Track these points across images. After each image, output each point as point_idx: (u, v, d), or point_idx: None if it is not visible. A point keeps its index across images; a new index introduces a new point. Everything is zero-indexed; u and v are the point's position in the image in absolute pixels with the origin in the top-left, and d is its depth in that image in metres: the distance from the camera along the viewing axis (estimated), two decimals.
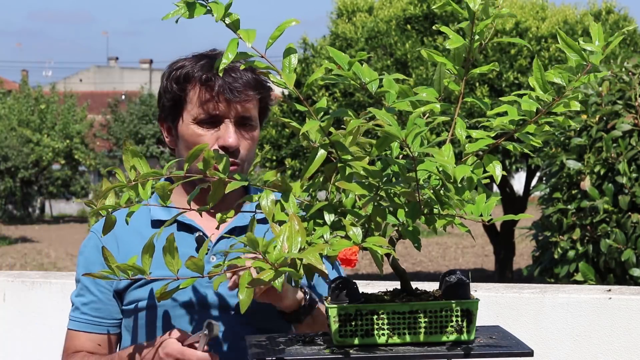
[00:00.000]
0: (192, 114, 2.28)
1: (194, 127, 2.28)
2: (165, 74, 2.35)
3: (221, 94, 2.25)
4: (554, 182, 5.67)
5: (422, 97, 1.84)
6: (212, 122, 2.28)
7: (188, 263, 1.84)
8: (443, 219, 1.75)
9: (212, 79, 2.26)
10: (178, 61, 2.34)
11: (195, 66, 2.29)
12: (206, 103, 2.26)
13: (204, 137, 2.27)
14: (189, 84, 2.28)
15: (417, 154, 1.68)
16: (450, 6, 1.83)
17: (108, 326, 2.34)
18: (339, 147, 1.78)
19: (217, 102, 2.26)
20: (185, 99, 2.29)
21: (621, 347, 3.44)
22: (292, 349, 1.82)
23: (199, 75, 2.27)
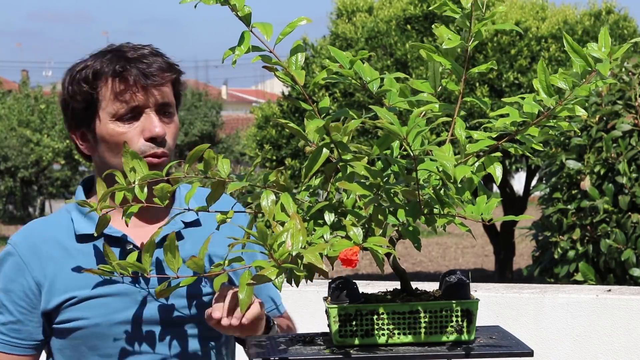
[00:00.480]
0: (110, 111, 2.14)
1: (113, 125, 2.15)
2: (66, 79, 2.20)
3: (137, 82, 2.12)
4: (554, 182, 5.67)
5: (423, 97, 1.84)
6: (133, 115, 2.14)
7: (189, 263, 1.82)
8: (443, 218, 1.75)
9: (125, 68, 2.12)
10: (77, 64, 2.20)
11: (102, 61, 2.15)
12: (123, 95, 2.13)
13: (127, 133, 2.14)
14: (100, 81, 2.14)
15: (417, 152, 1.68)
16: (447, 6, 1.83)
17: (27, 347, 2.19)
18: (340, 146, 1.79)
19: (135, 92, 2.13)
20: (98, 97, 2.15)
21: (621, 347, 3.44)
22: (293, 349, 1.82)
23: (110, 69, 2.13)
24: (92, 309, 2.14)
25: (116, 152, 2.14)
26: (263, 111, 14.27)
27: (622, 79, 5.55)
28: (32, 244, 2.18)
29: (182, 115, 33.01)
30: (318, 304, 2.47)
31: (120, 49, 2.19)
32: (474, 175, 1.77)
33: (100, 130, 2.16)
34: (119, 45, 2.22)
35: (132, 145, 2.13)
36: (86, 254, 2.16)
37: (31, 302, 2.18)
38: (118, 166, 2.09)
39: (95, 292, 2.14)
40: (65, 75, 2.22)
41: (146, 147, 2.14)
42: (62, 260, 2.16)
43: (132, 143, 2.13)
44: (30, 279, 2.17)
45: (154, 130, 2.14)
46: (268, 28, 1.77)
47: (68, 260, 2.16)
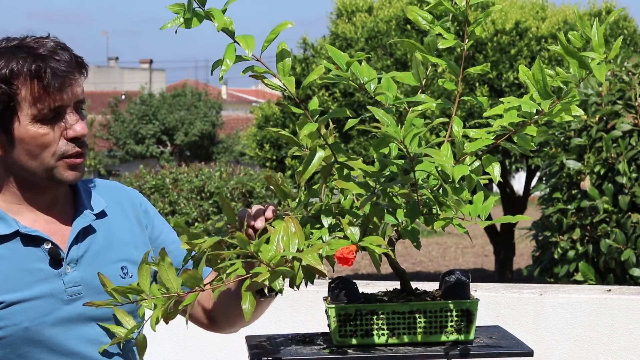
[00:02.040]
0: (31, 113, 2.04)
1: (35, 127, 2.04)
2: None
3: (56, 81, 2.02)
4: (554, 182, 5.67)
5: (420, 97, 1.84)
6: (54, 115, 2.05)
7: (185, 277, 1.72)
8: (441, 220, 1.75)
9: (41, 67, 2.02)
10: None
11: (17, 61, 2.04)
12: (44, 97, 2.03)
13: (49, 135, 2.04)
14: (17, 81, 2.03)
15: (414, 154, 1.68)
16: (443, 6, 1.83)
17: None
18: (335, 148, 1.78)
19: (55, 92, 2.04)
20: (16, 98, 2.03)
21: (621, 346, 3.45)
22: (292, 348, 1.82)
23: (28, 69, 2.02)
24: (21, 314, 2.04)
25: (35, 155, 2.06)
26: (263, 111, 14.28)
27: (622, 79, 5.55)
28: None
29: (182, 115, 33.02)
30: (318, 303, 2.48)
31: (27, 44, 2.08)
32: (473, 175, 1.77)
33: (20, 132, 2.05)
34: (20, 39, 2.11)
35: (52, 148, 2.06)
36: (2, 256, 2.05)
37: None
38: (35, 169, 2.06)
39: (22, 295, 2.04)
40: None
41: (68, 147, 2.07)
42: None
43: (54, 144, 2.06)
44: None
45: (77, 130, 2.07)
46: (250, 42, 1.75)
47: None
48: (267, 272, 1.64)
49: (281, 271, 1.65)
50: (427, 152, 1.69)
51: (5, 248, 2.06)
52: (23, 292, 2.05)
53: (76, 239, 2.11)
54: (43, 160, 2.06)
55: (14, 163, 2.08)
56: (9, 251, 2.06)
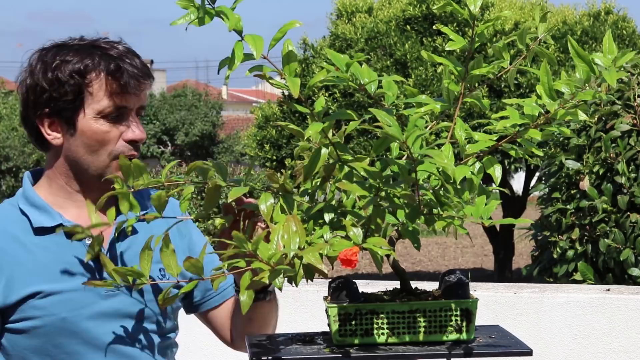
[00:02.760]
0: (98, 108, 2.11)
1: (97, 123, 2.11)
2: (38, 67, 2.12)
3: (129, 83, 2.10)
4: (553, 182, 5.67)
5: (421, 98, 1.85)
6: (118, 115, 2.12)
7: (186, 264, 1.76)
8: (442, 221, 1.76)
9: (119, 67, 2.10)
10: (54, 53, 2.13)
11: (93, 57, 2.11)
12: (116, 95, 2.11)
13: (110, 133, 2.11)
14: (90, 76, 2.10)
15: (417, 155, 1.69)
16: (451, 6, 1.83)
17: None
18: (339, 147, 1.79)
19: (126, 93, 2.11)
20: (88, 91, 2.10)
21: (620, 345, 3.46)
22: (292, 348, 1.83)
23: (105, 66, 2.10)
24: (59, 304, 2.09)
25: (92, 150, 2.12)
26: (263, 111, 14.27)
27: (621, 79, 5.56)
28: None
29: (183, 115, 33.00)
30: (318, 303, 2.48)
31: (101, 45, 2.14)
32: (474, 176, 1.78)
33: (83, 124, 2.12)
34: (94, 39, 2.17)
35: (110, 146, 2.11)
36: (45, 247, 2.11)
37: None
38: (90, 164, 2.11)
39: (61, 286, 2.09)
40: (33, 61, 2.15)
41: (125, 149, 2.12)
42: (20, 255, 2.10)
43: (112, 143, 2.12)
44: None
45: (136, 133, 2.13)
46: (258, 42, 1.74)
47: (26, 255, 2.10)
48: (267, 270, 1.65)
49: (281, 269, 1.65)
50: (428, 153, 1.70)
51: (47, 240, 2.11)
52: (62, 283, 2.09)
53: (118, 237, 2.15)
54: (99, 156, 2.12)
55: (70, 155, 2.14)
56: (51, 243, 2.11)
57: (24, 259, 2.10)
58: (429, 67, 12.78)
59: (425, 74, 12.72)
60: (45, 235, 2.12)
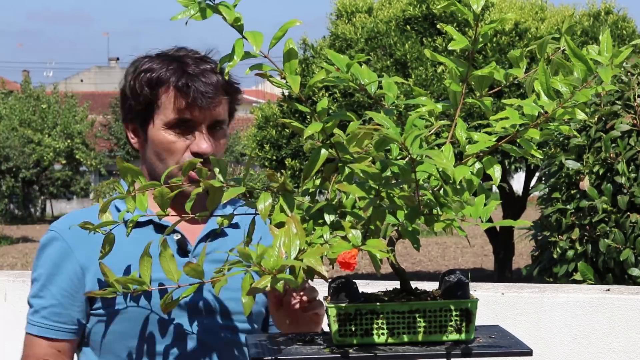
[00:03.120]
0: (164, 119, 2.23)
1: (165, 133, 2.24)
2: (129, 74, 2.28)
3: (195, 100, 2.21)
4: (553, 182, 5.67)
5: (421, 100, 1.85)
6: (185, 127, 2.23)
7: (187, 269, 1.81)
8: (442, 222, 1.76)
9: (187, 85, 2.21)
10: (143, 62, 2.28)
11: (168, 70, 2.23)
12: (180, 109, 2.22)
13: (176, 144, 2.23)
14: (161, 88, 2.23)
15: (416, 156, 1.69)
16: (455, 6, 1.83)
17: (68, 332, 2.24)
18: (339, 147, 1.79)
19: (192, 107, 2.21)
20: (157, 102, 2.24)
21: (620, 346, 3.46)
22: (292, 348, 1.83)
23: (174, 81, 2.22)
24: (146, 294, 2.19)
25: (162, 158, 2.24)
26: (263, 111, 14.28)
27: (620, 79, 5.56)
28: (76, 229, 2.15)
29: None
30: None
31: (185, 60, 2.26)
32: (474, 176, 1.78)
33: (152, 133, 2.25)
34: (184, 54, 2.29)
35: (176, 156, 2.22)
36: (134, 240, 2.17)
37: (74, 286, 2.23)
38: (161, 171, 2.18)
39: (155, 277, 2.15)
40: (130, 67, 2.30)
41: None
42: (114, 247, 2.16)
43: (177, 154, 2.23)
44: (75, 263, 2.23)
45: (202, 146, 2.22)
46: (258, 38, 1.76)
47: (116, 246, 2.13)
48: (267, 278, 1.65)
49: (282, 277, 1.66)
50: (428, 153, 1.70)
51: (138, 232, 2.21)
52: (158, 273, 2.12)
53: (206, 236, 2.27)
54: (168, 165, 2.22)
55: (146, 161, 2.29)
56: (141, 235, 2.21)
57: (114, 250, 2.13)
58: (429, 67, 12.79)
59: (425, 74, 12.72)
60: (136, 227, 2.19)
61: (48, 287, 2.24)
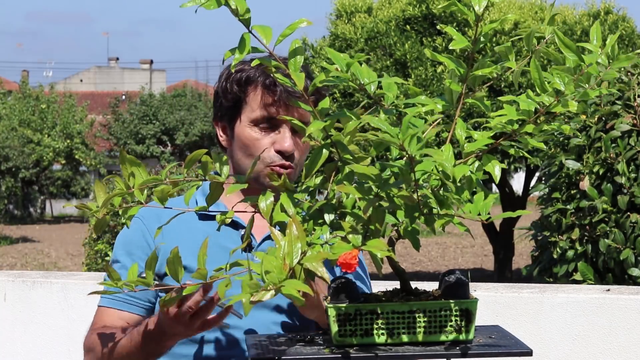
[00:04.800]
0: (251, 116, 2.34)
1: (251, 130, 2.34)
2: (224, 75, 2.40)
3: (282, 98, 2.31)
4: (553, 182, 5.67)
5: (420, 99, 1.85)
6: (270, 125, 2.33)
7: (194, 274, 1.85)
8: (442, 219, 1.76)
9: (275, 83, 2.30)
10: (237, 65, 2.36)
11: (257, 70, 2.33)
12: (267, 106, 2.32)
13: (260, 141, 2.33)
14: (250, 87, 2.34)
15: (415, 155, 1.68)
16: (456, 6, 1.83)
17: (140, 307, 2.36)
18: (340, 147, 1.79)
19: (278, 106, 2.32)
20: (245, 100, 2.35)
21: (620, 346, 3.45)
22: (292, 348, 1.83)
23: (262, 80, 2.33)
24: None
25: (247, 154, 2.34)
26: None
27: (621, 79, 5.55)
28: (157, 213, 2.32)
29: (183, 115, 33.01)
30: None
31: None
32: (473, 175, 1.78)
33: (239, 130, 2.35)
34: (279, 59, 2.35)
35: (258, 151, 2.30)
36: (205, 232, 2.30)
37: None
38: (246, 167, 2.31)
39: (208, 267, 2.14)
40: (224, 70, 2.41)
41: (275, 158, 2.31)
42: (183, 234, 2.32)
43: (261, 150, 2.31)
44: (151, 242, 2.36)
45: (284, 145, 2.30)
46: (267, 32, 1.78)
47: (188, 235, 2.31)
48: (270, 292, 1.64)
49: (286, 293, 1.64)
50: (427, 152, 1.70)
51: (209, 225, 2.31)
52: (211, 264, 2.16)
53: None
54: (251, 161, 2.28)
55: (233, 156, 2.38)
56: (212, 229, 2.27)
57: (185, 238, 2.31)
58: (429, 67, 12.78)
59: (425, 74, 12.72)
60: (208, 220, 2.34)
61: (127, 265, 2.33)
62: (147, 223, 2.38)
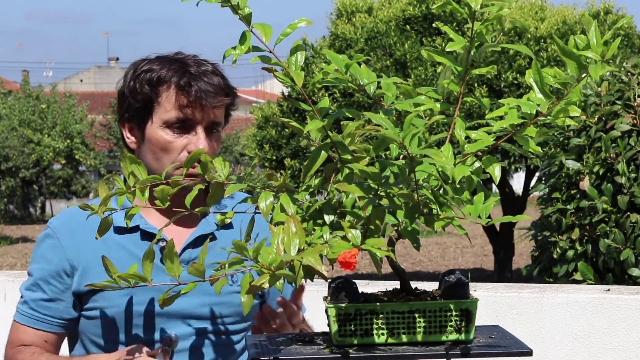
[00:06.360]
0: (163, 118, 2.26)
1: (163, 132, 2.26)
2: (129, 74, 2.31)
3: (197, 99, 2.23)
4: (553, 182, 5.67)
5: (420, 99, 1.85)
6: (183, 127, 2.26)
7: (190, 269, 1.81)
8: (441, 221, 1.76)
9: (190, 84, 2.24)
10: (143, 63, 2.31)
11: (169, 70, 2.26)
12: (182, 108, 2.24)
13: (173, 143, 2.26)
14: (162, 87, 2.26)
15: (415, 154, 1.69)
16: (451, 5, 1.83)
17: (55, 325, 2.31)
18: (339, 147, 1.79)
19: (193, 107, 2.24)
20: (157, 101, 2.26)
21: (620, 346, 3.46)
22: (292, 348, 1.83)
23: (175, 80, 2.25)
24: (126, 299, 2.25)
25: (157, 157, 2.27)
26: (263, 111, 14.28)
27: (621, 79, 5.56)
28: (71, 228, 2.29)
29: None
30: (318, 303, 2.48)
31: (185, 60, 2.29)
32: (473, 175, 1.78)
33: (149, 131, 2.27)
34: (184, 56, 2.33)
35: (173, 155, 2.25)
36: (122, 245, 2.27)
37: (64, 282, 2.29)
38: (157, 171, 2.21)
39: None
40: (129, 68, 2.33)
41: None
42: (98, 248, 2.23)
43: (174, 152, 2.25)
44: (65, 261, 2.28)
45: (199, 146, 2.24)
46: (267, 29, 1.78)
47: (104, 249, 2.23)
48: (267, 275, 1.65)
49: (281, 274, 1.66)
50: (427, 152, 1.69)
51: (125, 238, 2.28)
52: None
53: (193, 243, 2.30)
54: (163, 164, 2.25)
55: (142, 159, 2.29)
56: (128, 242, 2.27)
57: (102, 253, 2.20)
58: (429, 67, 12.78)
59: (425, 74, 12.72)
60: (124, 234, 2.28)
61: (39, 282, 2.31)
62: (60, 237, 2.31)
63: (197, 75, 2.26)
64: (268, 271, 1.65)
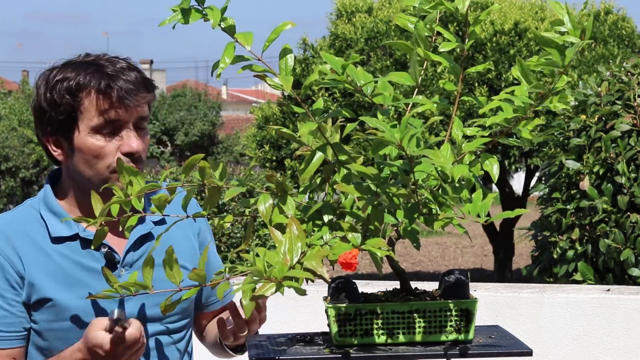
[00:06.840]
0: (90, 124, 2.19)
1: (92, 139, 2.20)
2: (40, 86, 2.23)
3: (121, 99, 2.18)
4: (553, 182, 5.67)
5: (417, 99, 1.85)
6: (112, 129, 2.20)
7: (191, 275, 1.79)
8: (441, 221, 1.76)
9: (109, 85, 2.17)
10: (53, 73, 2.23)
11: (86, 75, 2.20)
12: (106, 111, 2.19)
13: (105, 147, 2.20)
14: (82, 93, 2.19)
15: (413, 154, 1.68)
16: (442, 5, 1.83)
17: (20, 339, 2.24)
18: (336, 148, 1.79)
19: (118, 108, 2.19)
20: (80, 109, 2.19)
21: (620, 346, 3.46)
22: (292, 348, 1.83)
23: (95, 84, 2.18)
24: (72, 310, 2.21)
25: (91, 164, 2.20)
26: (263, 111, 14.27)
27: (621, 79, 5.55)
28: (9, 240, 2.22)
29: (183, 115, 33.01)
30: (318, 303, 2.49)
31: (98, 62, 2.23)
32: (471, 173, 1.78)
33: (78, 141, 2.21)
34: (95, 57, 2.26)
35: (107, 160, 2.19)
36: (62, 255, 2.22)
37: (18, 293, 2.22)
38: (91, 178, 2.19)
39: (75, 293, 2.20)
40: (39, 81, 2.24)
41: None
42: (39, 260, 2.21)
43: (109, 157, 2.20)
44: (13, 272, 2.21)
45: (132, 146, 2.20)
46: (248, 37, 1.78)
47: (45, 260, 2.21)
48: (273, 285, 1.64)
49: (288, 285, 1.65)
50: (426, 153, 1.69)
51: (66, 247, 2.23)
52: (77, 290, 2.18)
53: (134, 245, 2.26)
54: (98, 170, 2.20)
55: (73, 170, 2.23)
56: (68, 250, 2.22)
57: (43, 264, 2.21)
58: (429, 67, 12.78)
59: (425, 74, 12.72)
60: (63, 243, 2.23)
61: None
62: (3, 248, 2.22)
63: (114, 75, 2.20)
64: (275, 282, 1.65)
